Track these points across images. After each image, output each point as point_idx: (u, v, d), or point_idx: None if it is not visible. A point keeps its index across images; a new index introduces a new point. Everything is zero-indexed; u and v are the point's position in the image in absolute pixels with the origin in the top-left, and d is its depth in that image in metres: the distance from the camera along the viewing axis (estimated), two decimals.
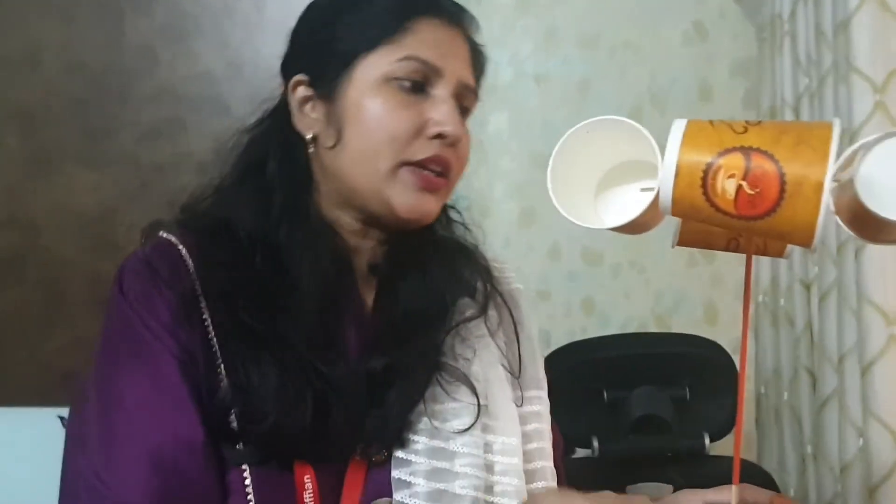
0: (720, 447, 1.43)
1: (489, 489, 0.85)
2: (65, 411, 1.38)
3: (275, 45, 0.93)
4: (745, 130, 0.62)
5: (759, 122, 0.63)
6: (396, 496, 0.81)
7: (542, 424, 0.94)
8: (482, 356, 0.91)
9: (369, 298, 0.91)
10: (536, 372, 0.96)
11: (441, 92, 0.87)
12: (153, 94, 1.55)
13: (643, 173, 0.68)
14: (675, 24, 1.98)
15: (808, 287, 1.51)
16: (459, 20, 0.90)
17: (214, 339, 0.81)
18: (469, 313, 0.92)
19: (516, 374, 0.93)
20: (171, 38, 1.55)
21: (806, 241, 0.61)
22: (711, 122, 0.63)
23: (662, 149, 0.64)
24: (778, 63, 1.56)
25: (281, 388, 0.79)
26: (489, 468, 0.85)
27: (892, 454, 1.26)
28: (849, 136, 1.29)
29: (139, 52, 1.55)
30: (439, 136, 0.86)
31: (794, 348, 1.51)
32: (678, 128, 0.62)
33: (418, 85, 0.86)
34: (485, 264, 0.97)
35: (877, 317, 1.28)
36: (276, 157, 0.89)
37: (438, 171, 0.86)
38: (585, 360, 1.40)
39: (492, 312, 0.95)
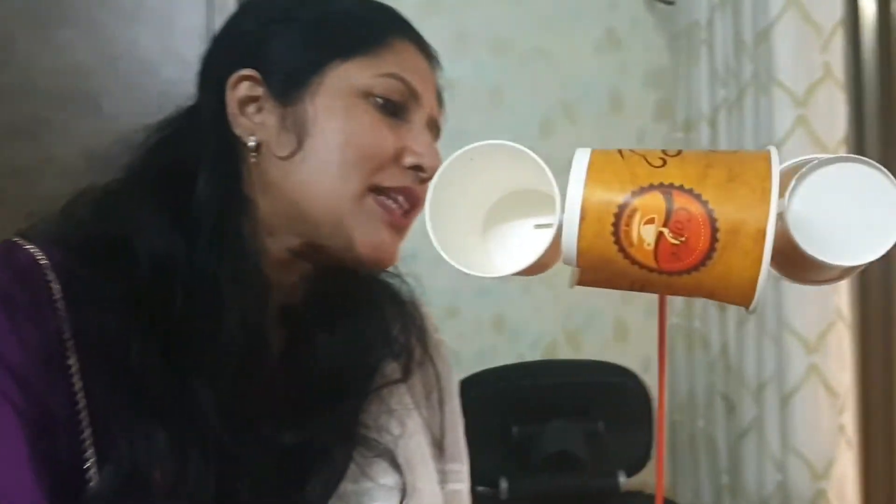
0: (635, 482, 1.35)
1: None
2: None
3: (154, 37, 0.78)
4: (664, 163, 0.51)
5: (680, 152, 0.52)
6: None
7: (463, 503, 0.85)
8: (408, 429, 0.79)
9: (277, 346, 0.76)
10: (457, 442, 0.86)
11: (419, 120, 0.77)
12: (8, 89, 1.37)
13: (540, 203, 0.57)
14: (587, 31, 1.92)
15: (724, 308, 1.44)
16: (431, 53, 0.81)
17: (82, 398, 0.64)
18: (391, 376, 0.80)
19: (441, 446, 0.83)
20: (32, 25, 1.38)
21: (743, 299, 0.51)
22: (621, 153, 0.53)
23: (566, 170, 0.53)
24: (694, 73, 1.50)
25: (180, 471, 0.64)
26: None
27: (810, 489, 1.20)
28: None
29: None
30: (416, 167, 0.74)
31: (709, 372, 1.45)
32: (581, 160, 0.52)
33: (396, 107, 0.75)
34: (419, 321, 0.85)
35: (797, 345, 1.21)
36: (207, 168, 0.72)
37: (406, 207, 0.75)
38: (494, 392, 1.29)
39: (416, 373, 0.82)
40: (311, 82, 0.74)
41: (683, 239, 0.49)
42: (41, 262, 0.66)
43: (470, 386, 1.34)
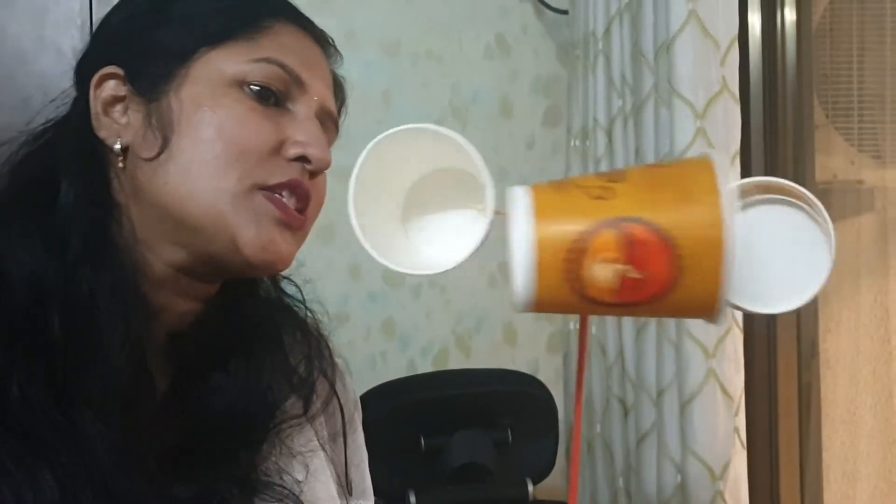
0: (541, 489, 1.35)
1: None
2: None
3: (24, 24, 0.70)
4: (611, 187, 0.49)
5: (623, 175, 0.50)
6: None
7: None
8: (312, 470, 0.74)
9: (162, 380, 0.70)
10: (364, 477, 0.83)
11: (303, 109, 0.71)
12: None
13: (456, 184, 0.56)
14: (477, 36, 1.94)
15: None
16: (322, 37, 0.76)
17: None
18: (293, 412, 0.74)
19: (348, 489, 0.78)
20: None
21: (709, 313, 0.50)
22: (556, 187, 0.50)
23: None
24: (591, 83, 1.52)
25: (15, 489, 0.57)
26: None
27: (709, 490, 1.25)
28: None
29: None
30: (302, 158, 0.69)
31: (605, 378, 1.47)
32: (521, 201, 0.49)
33: (275, 96, 0.69)
34: (325, 351, 0.79)
35: (696, 350, 1.25)
36: (69, 174, 0.66)
37: (297, 205, 0.69)
38: (399, 404, 1.26)
39: (316, 405, 0.77)
40: (176, 74, 0.68)
41: (645, 274, 0.47)
42: None
43: (373, 398, 1.31)
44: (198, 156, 0.66)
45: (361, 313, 1.87)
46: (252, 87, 0.68)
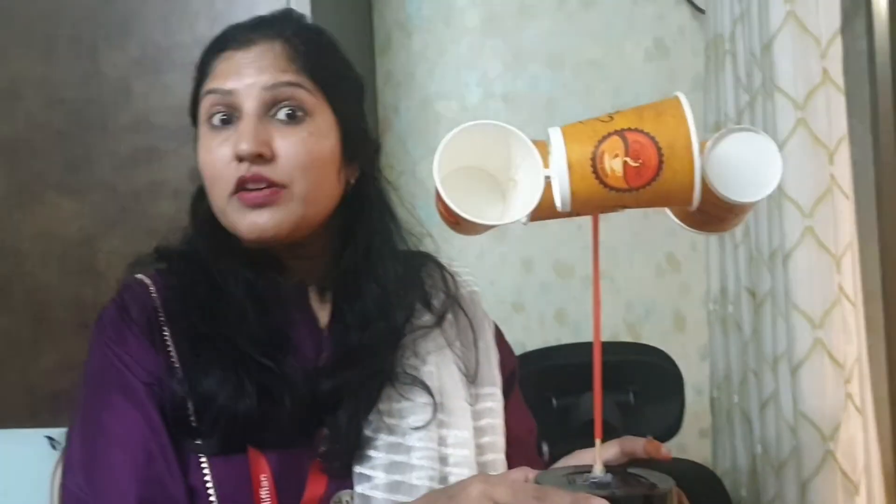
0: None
1: (444, 479, 0.94)
2: (52, 431, 1.50)
3: None
4: (611, 119, 0.71)
5: (617, 111, 0.72)
6: (357, 489, 0.91)
7: (496, 420, 1.02)
8: (437, 361, 1.00)
9: (323, 314, 1.00)
10: (491, 370, 1.05)
11: (246, 111, 0.92)
12: (129, 125, 1.64)
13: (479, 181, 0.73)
14: (636, 41, 2.09)
15: (753, 294, 1.62)
16: (255, 37, 0.94)
17: (174, 353, 0.93)
18: (425, 322, 1.00)
19: (472, 377, 1.02)
20: (145, 72, 1.65)
21: (686, 198, 0.69)
22: (580, 122, 0.73)
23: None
24: (721, 80, 1.67)
25: (224, 377, 0.89)
26: (443, 460, 0.95)
27: (820, 450, 1.36)
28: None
29: (115, 84, 1.64)
30: (239, 157, 0.91)
31: (742, 353, 1.62)
32: (556, 134, 0.71)
33: (227, 117, 0.93)
34: (441, 272, 1.06)
35: (803, 322, 1.39)
36: (198, 203, 1.01)
37: (259, 189, 0.91)
38: (538, 369, 1.51)
39: (449, 320, 1.03)
40: (197, 133, 0.97)
41: (641, 161, 0.69)
42: (146, 282, 0.98)
43: (520, 363, 1.57)
44: (206, 187, 0.95)
45: (535, 303, 2.10)
46: (211, 120, 0.93)
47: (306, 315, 1.00)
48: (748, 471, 1.63)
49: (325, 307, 1.00)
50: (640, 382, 1.48)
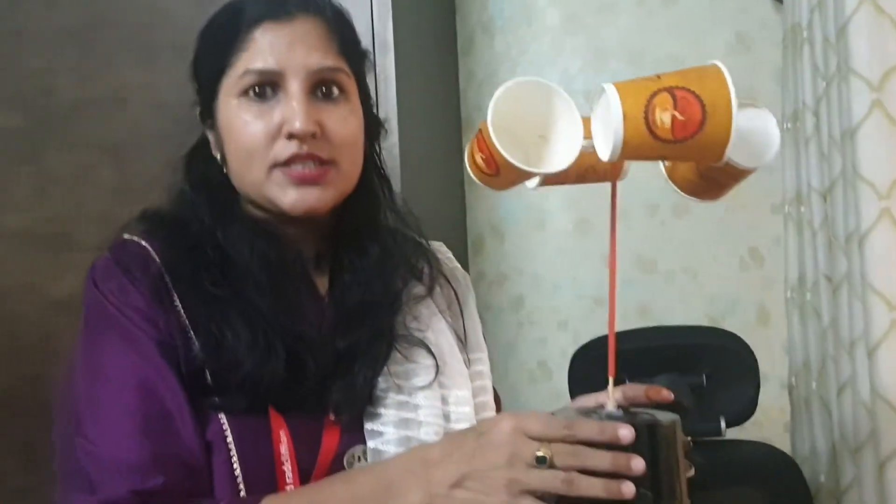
0: (737, 433, 1.55)
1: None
2: None
3: None
4: (659, 78, 0.78)
5: (664, 73, 0.79)
6: (370, 444, 0.97)
7: (485, 381, 1.11)
8: (434, 328, 1.07)
9: (322, 285, 1.05)
10: (478, 338, 1.14)
11: (291, 89, 0.95)
12: None
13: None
14: (717, 36, 2.12)
15: (830, 280, 1.63)
16: (297, 11, 0.97)
17: (185, 315, 0.94)
18: (417, 293, 1.07)
19: (463, 341, 1.11)
20: None
21: (719, 155, 0.77)
22: (631, 80, 0.79)
23: None
24: (798, 69, 1.69)
25: (253, 341, 0.92)
26: (446, 417, 1.01)
27: None
28: (849, 135, 1.41)
29: None
30: (291, 135, 0.94)
31: (821, 340, 1.63)
32: (611, 88, 0.78)
33: (266, 91, 0.96)
34: (428, 250, 1.13)
35: (880, 303, 1.40)
36: (204, 174, 1.04)
37: (309, 169, 0.95)
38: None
39: (438, 292, 1.10)
40: (215, 106, 0.98)
41: (687, 115, 0.75)
42: (143, 244, 0.97)
43: (591, 348, 1.63)
44: (236, 161, 0.97)
45: (617, 298, 2.14)
46: (246, 94, 0.95)
47: (307, 282, 1.04)
48: (827, 457, 1.63)
49: (322, 276, 1.05)
50: (714, 365, 1.51)
